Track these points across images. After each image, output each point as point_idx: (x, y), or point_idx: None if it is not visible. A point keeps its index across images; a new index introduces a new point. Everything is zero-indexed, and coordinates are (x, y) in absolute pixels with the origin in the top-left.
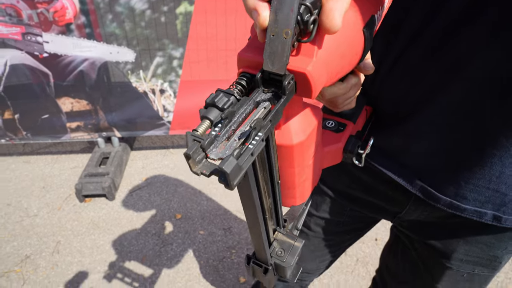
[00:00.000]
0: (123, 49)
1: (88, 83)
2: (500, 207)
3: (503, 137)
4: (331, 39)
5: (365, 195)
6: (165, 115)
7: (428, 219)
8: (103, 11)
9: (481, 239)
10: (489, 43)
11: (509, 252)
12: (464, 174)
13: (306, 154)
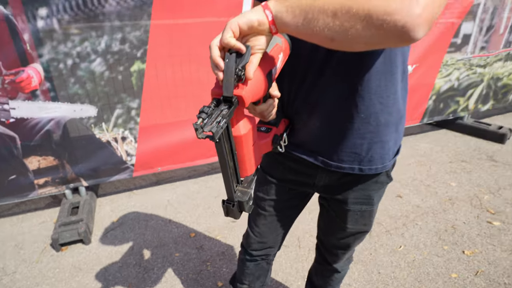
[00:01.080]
0: (86, 106)
1: (54, 140)
2: (360, 163)
3: (349, 123)
4: (252, 81)
5: (294, 176)
6: (128, 159)
7: (331, 181)
8: (66, 76)
9: (359, 186)
10: (330, 73)
11: (376, 190)
12: (339, 147)
13: (248, 142)
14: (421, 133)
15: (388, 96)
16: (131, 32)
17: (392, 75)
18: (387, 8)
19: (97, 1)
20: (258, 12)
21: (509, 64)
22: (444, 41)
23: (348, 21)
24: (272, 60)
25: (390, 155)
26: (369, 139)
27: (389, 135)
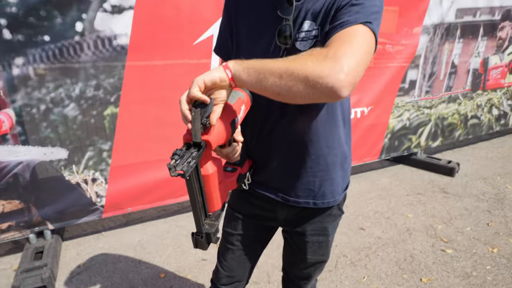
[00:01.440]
0: (57, 149)
1: (22, 184)
2: (314, 198)
3: (302, 164)
4: (217, 127)
5: (258, 211)
6: (98, 201)
7: (290, 215)
8: (38, 121)
9: (315, 219)
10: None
11: (329, 222)
12: (295, 185)
13: (215, 180)
14: (381, 169)
15: (333, 140)
16: (106, 79)
17: (335, 123)
18: (320, 73)
19: (73, 51)
20: (220, 70)
21: (451, 105)
22: (393, 86)
23: (291, 81)
24: (235, 111)
25: (339, 190)
26: (320, 177)
27: (336, 173)
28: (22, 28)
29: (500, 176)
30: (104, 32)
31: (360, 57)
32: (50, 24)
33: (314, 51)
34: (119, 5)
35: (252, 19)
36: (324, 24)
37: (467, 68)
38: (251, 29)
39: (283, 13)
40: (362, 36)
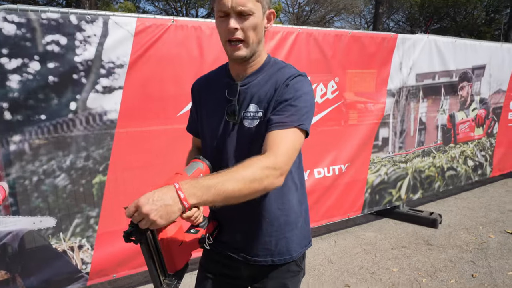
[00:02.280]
0: (45, 218)
1: (9, 254)
2: (272, 256)
3: (258, 226)
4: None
5: (226, 270)
6: (83, 267)
7: (253, 273)
8: (30, 191)
9: (274, 275)
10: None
11: (289, 278)
12: (254, 245)
13: (174, 242)
14: (367, 223)
15: (284, 203)
16: (95, 150)
17: (286, 190)
18: (266, 186)
19: (66, 127)
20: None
21: (426, 159)
22: (368, 143)
23: (245, 195)
24: (189, 178)
25: (296, 248)
26: (275, 237)
27: (290, 232)
28: (21, 109)
29: (482, 226)
30: (95, 109)
31: (292, 155)
32: (47, 105)
33: (257, 163)
34: (110, 86)
35: (210, 101)
36: (266, 109)
37: (436, 124)
38: (208, 109)
39: (230, 95)
40: (294, 137)
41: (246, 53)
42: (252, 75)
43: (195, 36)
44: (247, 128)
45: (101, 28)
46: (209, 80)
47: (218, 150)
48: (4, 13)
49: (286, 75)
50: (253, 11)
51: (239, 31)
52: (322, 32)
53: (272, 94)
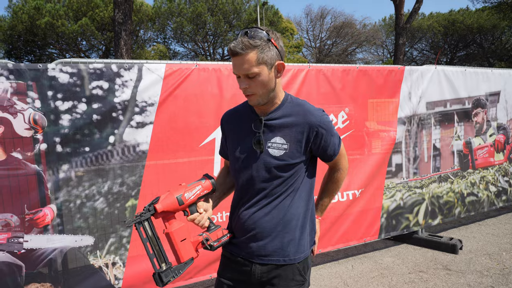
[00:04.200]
0: (85, 236)
1: (54, 268)
2: (282, 256)
3: (273, 229)
4: (165, 199)
5: (239, 275)
6: (116, 283)
7: (264, 275)
8: (73, 213)
9: (281, 283)
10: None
11: (294, 287)
12: (267, 250)
13: (177, 237)
14: (385, 248)
15: (292, 213)
16: (129, 177)
17: (295, 202)
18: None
19: (106, 157)
20: None
21: (444, 184)
22: (381, 169)
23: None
24: (189, 189)
25: (300, 251)
26: (282, 240)
27: (294, 237)
28: (70, 143)
29: (506, 252)
30: (130, 142)
31: (346, 158)
32: (91, 139)
33: (341, 180)
34: (142, 122)
35: (238, 131)
36: (294, 142)
37: (451, 150)
38: (237, 138)
39: (256, 128)
40: (343, 150)
41: (259, 101)
42: (273, 112)
43: (215, 77)
44: (273, 156)
45: (136, 74)
46: (237, 113)
47: (243, 174)
48: (60, 65)
49: (312, 116)
50: (258, 73)
51: (249, 88)
52: (331, 68)
53: (302, 133)
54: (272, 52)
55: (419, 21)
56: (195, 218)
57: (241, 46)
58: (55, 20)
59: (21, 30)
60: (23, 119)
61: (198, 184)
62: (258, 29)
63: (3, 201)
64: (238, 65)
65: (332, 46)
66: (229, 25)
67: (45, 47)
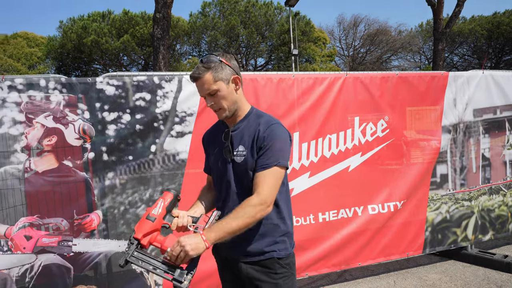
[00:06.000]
0: None
1: (99, 271)
2: (263, 254)
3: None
4: (138, 226)
5: (230, 274)
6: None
7: (250, 271)
8: (117, 219)
9: (265, 277)
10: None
11: (280, 279)
12: (249, 250)
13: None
14: (430, 264)
15: (266, 217)
16: (169, 185)
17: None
18: (258, 217)
19: (147, 165)
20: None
21: (495, 197)
22: (424, 180)
23: (243, 229)
24: (152, 207)
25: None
26: (260, 239)
27: (271, 236)
28: (115, 152)
29: None
30: (170, 151)
31: (274, 189)
32: (134, 148)
33: (249, 204)
34: (182, 131)
35: (215, 146)
36: (250, 149)
37: (502, 160)
38: (213, 152)
39: (224, 139)
40: (274, 174)
41: (226, 114)
42: (239, 123)
43: (252, 86)
44: (237, 163)
45: (176, 85)
46: (213, 130)
47: (222, 181)
48: (107, 78)
49: (262, 125)
50: (216, 89)
51: (215, 104)
52: (369, 76)
53: (252, 140)
54: (226, 70)
55: (459, 25)
56: (176, 223)
57: (198, 71)
58: (100, 37)
59: (69, 48)
60: (74, 129)
61: (159, 199)
62: (211, 55)
63: (54, 206)
64: (199, 87)
65: (366, 54)
66: (261, 37)
67: (91, 63)
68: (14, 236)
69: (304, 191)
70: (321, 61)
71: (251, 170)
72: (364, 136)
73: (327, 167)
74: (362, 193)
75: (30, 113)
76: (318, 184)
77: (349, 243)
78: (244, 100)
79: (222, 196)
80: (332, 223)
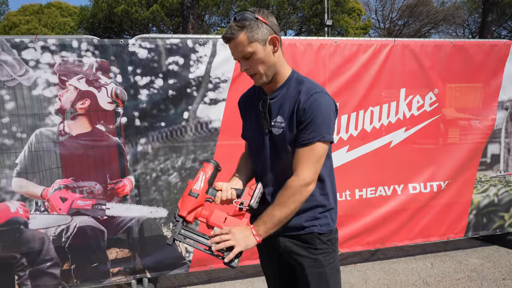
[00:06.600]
0: (160, 209)
1: (132, 236)
2: (302, 229)
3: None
4: (181, 202)
5: (271, 248)
6: (186, 256)
7: (289, 245)
8: (149, 185)
9: (307, 248)
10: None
11: (320, 254)
12: (288, 224)
13: (218, 221)
14: (470, 248)
15: None
16: (201, 154)
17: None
18: (301, 200)
19: (180, 133)
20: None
21: None
22: (473, 160)
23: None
24: (193, 182)
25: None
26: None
27: (314, 212)
28: (147, 118)
29: None
30: (203, 118)
31: (317, 168)
32: (166, 114)
33: (292, 188)
34: (215, 98)
35: (252, 113)
36: (289, 121)
37: None
38: (250, 119)
39: (262, 108)
40: (316, 150)
41: (264, 80)
42: (278, 89)
43: (290, 52)
44: (275, 135)
45: (211, 49)
46: (250, 95)
47: (258, 153)
48: (140, 41)
49: (302, 94)
50: (252, 51)
51: (250, 69)
52: (420, 43)
53: (292, 110)
54: (262, 29)
55: None
56: (219, 196)
57: (231, 31)
58: (130, 7)
59: (100, 18)
60: (106, 93)
61: (199, 172)
62: (246, 12)
63: (88, 170)
64: (233, 49)
65: (403, 26)
66: (292, 7)
67: (121, 33)
68: (50, 197)
69: (340, 166)
70: (355, 33)
71: (290, 144)
72: (409, 110)
73: (367, 142)
74: (403, 171)
75: (63, 75)
76: (356, 160)
77: (386, 222)
78: (284, 63)
79: (258, 169)
80: (369, 201)
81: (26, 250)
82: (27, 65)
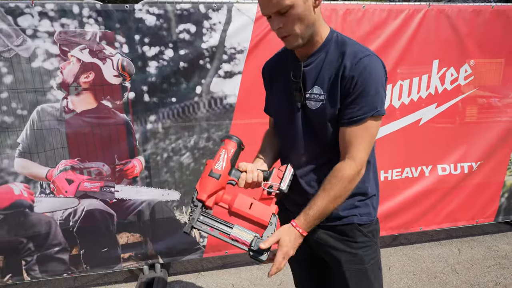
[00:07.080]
0: (172, 191)
1: (143, 220)
2: (339, 218)
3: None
4: (200, 186)
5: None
6: (200, 241)
7: (324, 238)
8: (160, 166)
9: (345, 241)
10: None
11: (360, 248)
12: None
13: (243, 208)
14: (499, 233)
15: None
16: (215, 132)
17: None
18: (353, 183)
19: (192, 109)
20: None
21: None
22: (507, 140)
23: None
24: (214, 161)
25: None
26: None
27: (354, 201)
28: (157, 92)
29: None
30: (217, 93)
31: (369, 148)
32: (177, 89)
33: (343, 178)
34: (231, 71)
35: (279, 83)
36: (330, 92)
37: None
38: (277, 90)
39: (294, 76)
40: (369, 129)
41: (298, 42)
42: (314, 54)
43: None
44: (311, 110)
45: (225, 16)
46: (278, 61)
47: (286, 132)
48: (147, 6)
49: (348, 58)
50: (291, 4)
51: (284, 28)
52: (457, 8)
53: (335, 79)
54: None
55: None
56: (244, 178)
57: None
58: None
59: None
60: (112, 65)
61: (220, 150)
62: None
63: (95, 149)
64: (266, 2)
65: None
66: None
67: None
68: (56, 179)
69: None
70: None
71: (330, 121)
72: (442, 84)
73: (394, 119)
74: (432, 150)
75: (65, 45)
76: (382, 139)
77: (412, 206)
78: (322, 21)
79: (286, 149)
80: (394, 183)
81: (32, 235)
82: (24, 33)
